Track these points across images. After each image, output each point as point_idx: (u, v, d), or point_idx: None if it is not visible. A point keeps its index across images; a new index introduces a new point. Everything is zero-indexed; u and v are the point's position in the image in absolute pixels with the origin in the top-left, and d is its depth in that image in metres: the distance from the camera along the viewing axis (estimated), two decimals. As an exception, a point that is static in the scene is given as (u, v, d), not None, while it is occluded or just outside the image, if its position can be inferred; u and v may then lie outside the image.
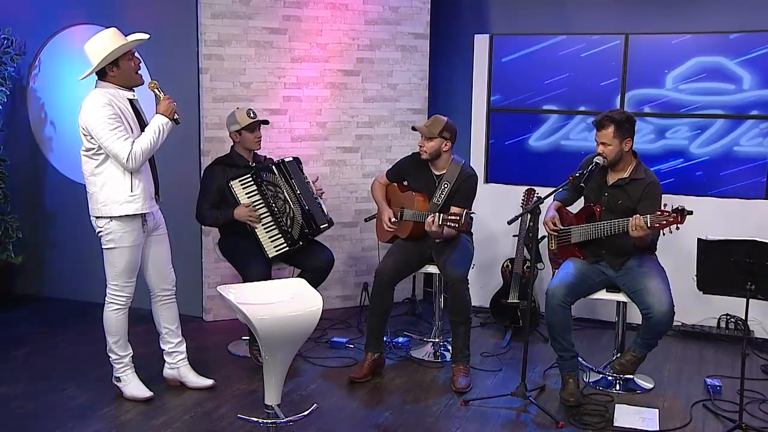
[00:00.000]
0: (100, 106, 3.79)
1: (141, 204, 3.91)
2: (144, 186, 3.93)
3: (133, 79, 3.95)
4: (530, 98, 5.74)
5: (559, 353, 4.19)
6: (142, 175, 3.93)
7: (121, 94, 3.91)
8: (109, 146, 3.79)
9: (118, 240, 3.94)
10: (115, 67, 3.87)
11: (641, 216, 3.91)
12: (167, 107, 3.94)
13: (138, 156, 3.81)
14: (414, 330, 5.28)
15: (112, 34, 3.88)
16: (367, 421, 3.94)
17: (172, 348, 4.28)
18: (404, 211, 4.63)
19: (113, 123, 3.78)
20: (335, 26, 5.56)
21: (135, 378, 4.13)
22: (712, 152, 5.31)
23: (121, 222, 3.91)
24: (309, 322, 3.13)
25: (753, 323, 5.09)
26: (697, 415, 4.03)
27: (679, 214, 3.78)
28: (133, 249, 3.99)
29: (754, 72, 5.14)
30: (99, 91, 3.87)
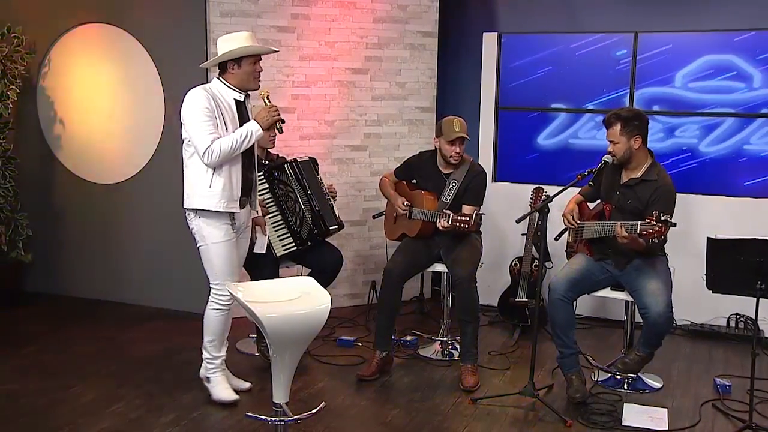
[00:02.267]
0: (198, 97, 3.84)
1: (217, 201, 3.88)
2: (224, 184, 3.87)
3: (249, 83, 3.95)
4: (539, 96, 5.72)
5: (559, 349, 4.19)
6: (225, 174, 3.88)
7: (229, 93, 3.93)
8: (193, 137, 3.83)
9: (207, 236, 3.94)
10: (236, 66, 3.90)
11: (625, 223, 3.90)
12: (264, 116, 3.91)
13: (215, 153, 3.79)
14: (422, 328, 5.28)
15: (247, 36, 3.94)
16: (375, 420, 3.94)
17: (210, 359, 4.16)
18: (413, 209, 4.63)
19: (203, 116, 3.80)
20: (343, 24, 5.56)
21: (224, 381, 4.08)
22: (722, 151, 5.29)
23: (205, 218, 3.92)
24: (317, 321, 3.13)
25: (763, 323, 5.02)
26: (707, 414, 4.01)
27: (663, 224, 3.76)
28: (226, 245, 3.96)
29: (764, 70, 5.11)
30: (206, 86, 3.94)
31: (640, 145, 4.12)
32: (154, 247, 5.69)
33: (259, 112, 3.94)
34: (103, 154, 5.78)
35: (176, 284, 5.63)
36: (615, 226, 3.95)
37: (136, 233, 5.75)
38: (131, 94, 5.63)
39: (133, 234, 5.76)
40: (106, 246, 5.85)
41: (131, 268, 5.80)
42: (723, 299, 4.64)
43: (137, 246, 5.76)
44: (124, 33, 5.53)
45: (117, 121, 5.70)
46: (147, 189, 5.65)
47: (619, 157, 4.12)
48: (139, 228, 5.73)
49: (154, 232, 5.67)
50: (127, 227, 5.77)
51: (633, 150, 4.11)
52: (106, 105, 5.71)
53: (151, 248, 5.70)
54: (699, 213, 5.15)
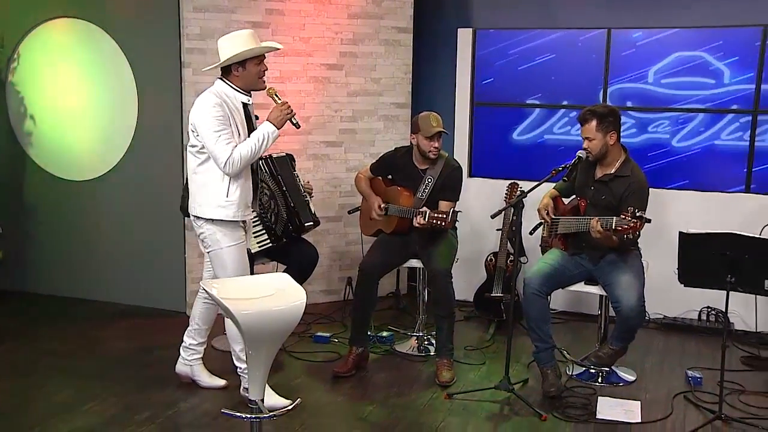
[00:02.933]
0: (211, 105, 3.72)
1: (234, 211, 3.81)
2: (241, 193, 3.82)
3: (255, 83, 3.86)
4: (514, 92, 5.75)
5: (535, 344, 4.22)
6: (241, 182, 3.82)
7: (237, 96, 3.83)
8: (211, 147, 3.71)
9: (221, 240, 3.85)
10: (241, 68, 3.79)
11: (600, 219, 3.95)
12: (278, 114, 3.83)
13: (237, 161, 3.71)
14: (398, 324, 5.29)
15: (249, 35, 3.81)
16: (351, 416, 3.95)
17: (194, 345, 4.22)
18: (389, 206, 4.64)
19: (220, 125, 3.70)
20: (318, 20, 5.54)
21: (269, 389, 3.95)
22: (694, 146, 5.35)
23: (219, 225, 3.83)
24: (292, 317, 3.11)
25: (733, 315, 5.14)
26: (678, 406, 4.06)
27: (638, 220, 3.80)
28: (239, 248, 3.90)
29: (734, 67, 5.18)
30: (214, 90, 3.80)
31: (615, 141, 4.16)
32: (129, 244, 5.64)
33: (271, 111, 3.85)
34: (75, 151, 5.72)
35: (151, 282, 5.60)
36: (591, 220, 3.99)
37: (109, 230, 5.70)
38: (103, 90, 5.57)
39: (107, 231, 5.71)
40: (79, 243, 5.80)
41: (105, 265, 5.75)
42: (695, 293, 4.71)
43: (111, 243, 5.71)
44: (96, 28, 5.47)
45: (89, 117, 5.64)
46: (121, 186, 5.60)
47: (595, 153, 4.16)
48: (113, 225, 5.68)
49: (129, 230, 5.63)
50: (100, 224, 5.72)
51: (609, 146, 4.15)
52: (78, 101, 5.65)
53: (125, 245, 5.66)
54: (671, 208, 5.21)
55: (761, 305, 5.04)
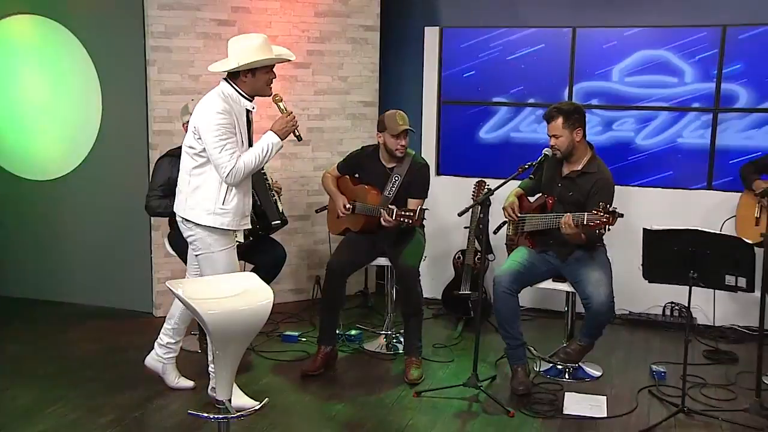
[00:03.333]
0: (218, 111, 3.63)
1: (230, 220, 3.74)
2: (237, 202, 3.75)
3: (262, 91, 3.79)
4: (480, 90, 5.78)
5: (506, 341, 4.25)
6: (239, 191, 3.76)
7: (242, 102, 3.75)
8: (215, 156, 3.63)
9: (213, 244, 3.78)
10: (250, 75, 3.72)
11: (572, 215, 3.98)
12: (282, 126, 3.77)
13: (240, 172, 3.65)
14: (366, 323, 5.30)
15: (263, 42, 3.72)
16: (320, 415, 3.94)
17: (171, 344, 4.17)
18: (357, 204, 4.64)
19: (226, 133, 3.62)
20: (285, 18, 5.52)
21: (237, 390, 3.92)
22: (657, 144, 5.43)
23: (208, 229, 3.76)
24: (260, 316, 3.10)
25: (696, 310, 5.22)
26: (643, 400, 4.12)
27: (611, 215, 3.85)
28: (231, 251, 3.84)
29: (695, 66, 5.27)
30: (219, 92, 3.71)
31: (581, 138, 4.20)
32: (94, 244, 5.58)
33: (276, 121, 3.79)
34: (38, 150, 5.63)
35: (117, 282, 5.55)
36: (564, 216, 4.01)
37: (74, 231, 5.62)
38: (66, 88, 5.50)
39: (72, 231, 5.63)
40: (43, 244, 5.71)
41: (69, 266, 5.67)
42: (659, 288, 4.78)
43: (76, 244, 5.63)
44: (58, 25, 5.39)
45: (52, 115, 5.56)
46: (85, 185, 5.53)
47: (562, 151, 4.20)
48: (78, 225, 5.61)
49: (94, 230, 5.56)
50: (64, 225, 5.64)
51: (575, 143, 4.19)
52: (41, 99, 5.56)
53: (90, 246, 5.59)
54: (636, 204, 5.27)
55: (719, 300, 5.13)
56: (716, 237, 3.75)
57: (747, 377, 4.28)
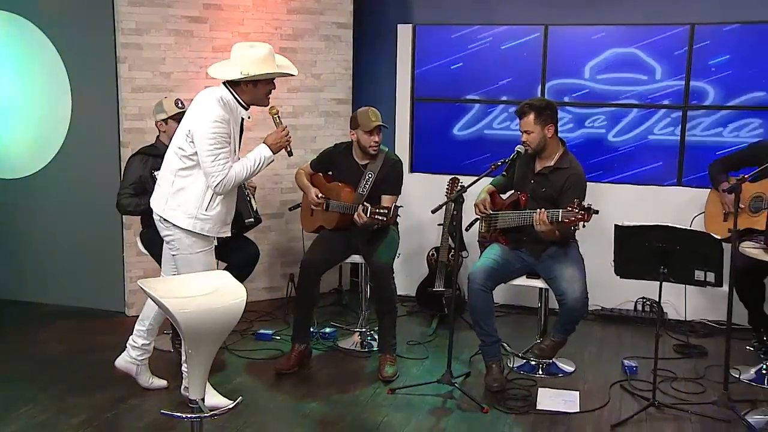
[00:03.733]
0: (216, 120, 3.59)
1: (210, 226, 3.71)
2: (220, 210, 3.72)
3: (260, 101, 3.76)
4: (454, 87, 5.80)
5: (481, 338, 4.26)
6: (224, 200, 3.72)
7: (239, 110, 3.72)
8: (207, 163, 3.60)
9: (191, 246, 3.74)
10: (252, 85, 3.68)
11: (546, 211, 4.01)
12: (276, 140, 3.75)
13: (230, 182, 3.64)
14: (341, 320, 5.30)
15: (268, 54, 3.70)
16: (294, 413, 3.93)
17: (146, 346, 4.11)
18: (330, 201, 4.62)
19: (221, 143, 3.59)
20: (257, 15, 5.49)
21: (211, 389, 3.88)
22: (629, 141, 5.48)
23: (186, 232, 3.72)
24: (233, 315, 3.09)
25: (666, 305, 5.29)
26: (615, 395, 4.16)
27: (586, 212, 3.88)
28: (207, 253, 3.80)
29: (664, 63, 5.32)
30: (218, 98, 3.66)
31: (553, 134, 4.23)
32: (65, 243, 5.52)
33: (270, 134, 3.76)
34: (7, 148, 5.55)
35: (88, 282, 5.49)
36: (538, 213, 4.03)
37: (44, 229, 5.55)
38: (35, 85, 5.43)
39: (41, 230, 5.56)
40: (12, 243, 5.64)
41: (39, 265, 5.60)
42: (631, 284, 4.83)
43: (46, 243, 5.56)
44: (26, 21, 5.32)
45: (21, 113, 5.49)
46: (56, 184, 5.47)
47: (534, 146, 4.21)
48: (48, 224, 5.54)
49: (65, 228, 5.50)
50: (34, 223, 5.57)
51: (547, 139, 4.21)
52: (8, 97, 5.48)
53: (61, 245, 5.53)
54: (608, 200, 5.31)
55: (690, 294, 5.20)
56: (686, 233, 3.79)
57: (716, 370, 4.33)
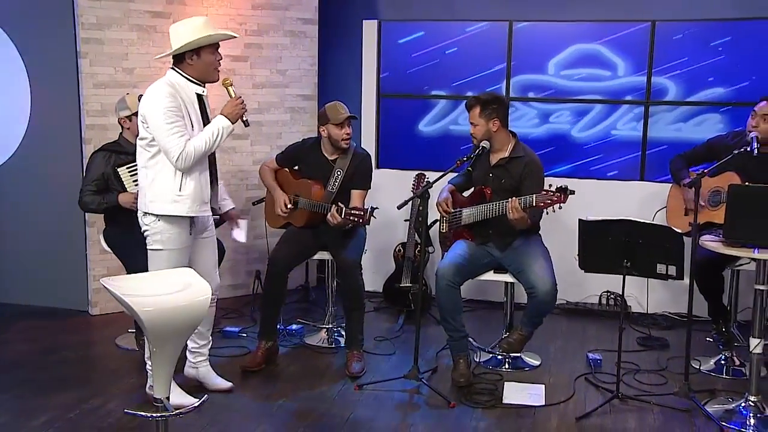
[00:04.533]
0: (163, 96, 3.55)
1: (188, 206, 3.66)
2: (194, 188, 3.67)
3: (209, 74, 3.70)
4: (419, 83, 5.80)
5: (449, 333, 4.28)
6: (195, 177, 3.67)
7: (190, 86, 3.67)
8: (162, 140, 3.55)
9: (165, 242, 3.70)
10: (196, 56, 3.63)
11: (518, 198, 4.03)
12: (232, 109, 3.69)
13: (189, 156, 3.57)
14: (308, 317, 5.28)
15: (204, 22, 3.65)
16: (261, 410, 3.91)
17: (197, 348, 4.07)
18: (299, 199, 4.59)
19: (171, 116, 3.54)
20: (221, 11, 5.44)
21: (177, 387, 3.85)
22: (592, 136, 5.54)
23: (167, 222, 3.67)
24: (198, 313, 3.05)
25: (630, 299, 5.36)
26: (580, 387, 4.20)
27: (562, 193, 3.91)
28: (180, 252, 3.74)
29: (627, 59, 5.39)
30: (165, 80, 3.64)
31: (499, 128, 4.25)
32: (26, 241, 5.43)
33: (225, 105, 3.71)
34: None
35: (51, 281, 5.41)
36: (510, 201, 4.05)
37: (3, 228, 5.46)
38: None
39: (0, 229, 5.46)
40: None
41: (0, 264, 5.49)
42: (595, 278, 4.91)
43: (6, 241, 5.47)
44: (-16, 16, 5.22)
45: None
46: (15, 181, 5.38)
47: (479, 139, 4.25)
48: (8, 222, 5.44)
49: (26, 226, 5.41)
50: (-7, 222, 5.48)
51: (492, 132, 4.24)
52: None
53: (22, 243, 5.44)
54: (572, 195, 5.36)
55: (653, 288, 5.27)
56: (648, 227, 3.84)
57: (677, 362, 4.40)
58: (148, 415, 3.14)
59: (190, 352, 4.11)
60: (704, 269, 4.28)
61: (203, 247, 3.94)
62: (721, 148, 4.40)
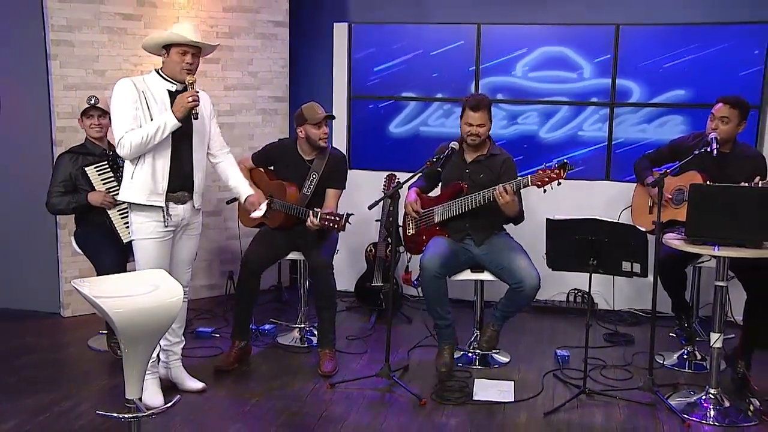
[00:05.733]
0: (121, 89, 3.69)
1: (137, 194, 3.73)
2: (144, 178, 3.72)
3: (177, 73, 3.75)
4: (390, 85, 5.81)
5: (436, 321, 4.30)
6: (147, 166, 3.72)
7: (161, 84, 3.77)
8: (113, 128, 3.70)
9: (136, 231, 3.80)
10: (166, 54, 3.75)
11: (508, 183, 4.09)
12: (178, 105, 3.68)
13: (126, 146, 3.64)
14: (280, 317, 5.27)
15: (186, 26, 3.79)
16: (234, 410, 3.89)
17: (169, 346, 4.06)
18: (274, 201, 4.57)
19: (123, 108, 3.67)
20: (192, 13, 5.41)
21: (154, 384, 3.87)
22: (559, 137, 5.59)
23: (137, 212, 3.79)
24: (169, 314, 3.03)
25: (596, 296, 5.42)
26: (548, 384, 4.24)
27: (561, 168, 3.97)
28: (153, 243, 3.79)
29: (592, 62, 5.44)
30: (135, 77, 3.80)
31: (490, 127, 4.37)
32: (-5, 244, 5.35)
33: (177, 99, 3.73)
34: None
35: (22, 282, 5.33)
36: (497, 189, 4.09)
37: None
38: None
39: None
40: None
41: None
42: (563, 276, 4.95)
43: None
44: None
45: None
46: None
47: (482, 138, 4.31)
48: (-23, 225, 5.36)
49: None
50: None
51: (488, 132, 4.36)
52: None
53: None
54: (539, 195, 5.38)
55: (618, 285, 5.33)
56: (613, 226, 3.88)
57: (642, 357, 4.46)
58: (120, 416, 3.11)
59: (162, 352, 4.08)
60: (667, 266, 4.34)
61: (184, 240, 3.96)
62: (683, 148, 4.47)
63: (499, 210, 4.17)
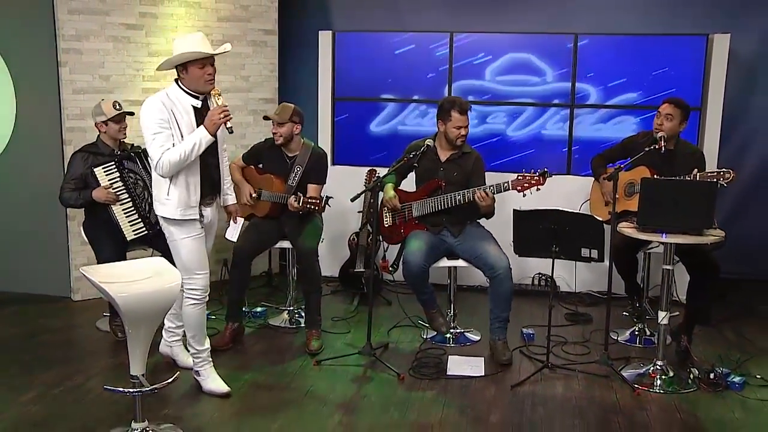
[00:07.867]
0: (152, 108, 3.48)
1: (173, 209, 3.58)
2: (180, 194, 3.57)
3: (200, 86, 3.55)
4: (370, 88, 5.84)
5: (420, 298, 4.35)
6: (181, 183, 3.57)
7: (186, 99, 3.56)
8: (148, 149, 3.51)
9: (175, 233, 3.65)
10: (184, 71, 3.53)
11: (488, 186, 4.16)
12: (210, 120, 3.51)
13: (165, 166, 3.47)
14: (271, 300, 5.30)
15: (194, 39, 3.53)
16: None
17: (173, 328, 4.08)
18: (262, 192, 4.61)
19: (157, 128, 3.46)
20: (189, 23, 5.41)
21: (213, 373, 3.82)
22: (525, 135, 5.64)
23: (172, 225, 3.64)
24: (168, 297, 3.09)
25: (559, 279, 5.49)
26: (516, 359, 4.31)
27: (542, 176, 4.02)
28: (194, 240, 3.67)
29: (554, 67, 5.50)
30: (163, 92, 3.56)
31: None
32: (12, 233, 5.34)
33: (208, 115, 3.56)
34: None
35: (35, 269, 5.33)
36: (477, 192, 4.13)
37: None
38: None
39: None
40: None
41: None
42: (529, 262, 5.01)
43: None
44: (-32, 26, 5.11)
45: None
46: (3, 178, 5.29)
47: (465, 138, 4.36)
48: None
49: (12, 219, 5.33)
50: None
51: None
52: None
53: (8, 234, 5.35)
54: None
55: (579, 269, 5.41)
56: (573, 216, 3.94)
57: (599, 334, 4.54)
58: (125, 390, 3.15)
59: (166, 332, 4.11)
60: (621, 252, 4.41)
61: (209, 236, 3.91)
62: (633, 146, 4.53)
63: (476, 207, 4.21)
